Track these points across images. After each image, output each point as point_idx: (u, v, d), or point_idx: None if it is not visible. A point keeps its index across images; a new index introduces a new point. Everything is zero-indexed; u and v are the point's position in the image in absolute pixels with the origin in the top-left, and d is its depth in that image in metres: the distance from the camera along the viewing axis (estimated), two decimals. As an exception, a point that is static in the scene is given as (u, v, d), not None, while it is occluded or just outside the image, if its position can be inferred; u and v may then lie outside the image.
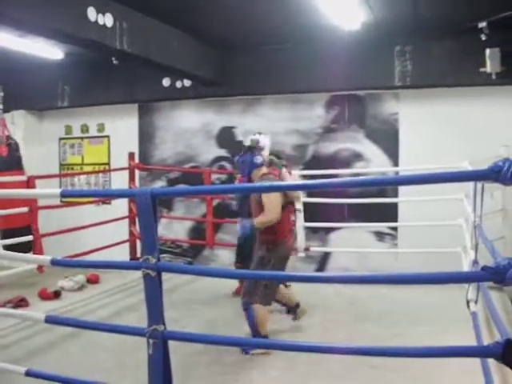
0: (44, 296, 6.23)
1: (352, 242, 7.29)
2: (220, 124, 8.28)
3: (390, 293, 5.71)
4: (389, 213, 7.21)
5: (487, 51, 6.37)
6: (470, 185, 4.93)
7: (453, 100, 7.05)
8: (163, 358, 2.65)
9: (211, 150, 8.34)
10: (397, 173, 7.26)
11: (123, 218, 7.58)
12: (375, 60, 7.10)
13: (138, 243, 7.04)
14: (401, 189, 7.18)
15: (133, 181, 7.87)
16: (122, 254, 7.34)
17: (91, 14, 5.16)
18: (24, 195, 5.25)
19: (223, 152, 8.27)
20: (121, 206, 7.74)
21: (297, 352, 3.24)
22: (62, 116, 9.22)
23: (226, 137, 8.25)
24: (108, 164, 8.95)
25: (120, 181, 8.17)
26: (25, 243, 5.99)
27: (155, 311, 2.68)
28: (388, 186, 7.04)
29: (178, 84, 8.02)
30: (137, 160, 8.21)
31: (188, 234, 8.49)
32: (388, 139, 7.43)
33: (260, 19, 6.33)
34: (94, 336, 4.36)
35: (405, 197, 7.02)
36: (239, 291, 5.76)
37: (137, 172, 8.19)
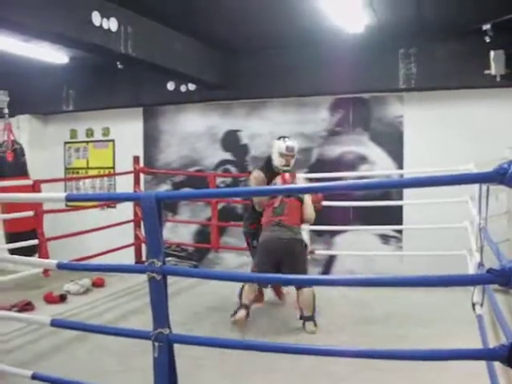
0: (50, 300, 6.23)
1: (357, 245, 7.29)
2: (225, 127, 8.30)
3: (395, 295, 5.68)
4: (394, 215, 7.20)
5: (492, 53, 6.36)
6: (475, 187, 4.92)
7: (457, 102, 7.05)
8: (169, 362, 2.66)
9: (216, 154, 8.35)
10: (401, 175, 7.25)
11: (128, 222, 7.59)
12: (379, 63, 7.10)
13: (144, 247, 7.05)
14: (406, 191, 7.17)
15: (138, 184, 7.88)
16: (128, 258, 7.35)
17: (96, 19, 5.18)
18: (29, 199, 5.27)
19: (228, 155, 8.28)
20: (126, 210, 7.76)
21: (301, 355, 3.23)
22: (67, 120, 9.26)
23: (231, 140, 8.26)
24: (113, 168, 8.98)
25: (125, 184, 8.18)
26: (30, 247, 6.01)
27: (160, 315, 2.68)
28: (393, 189, 7.03)
29: (183, 88, 8.03)
30: (142, 164, 8.23)
31: (193, 238, 8.50)
32: (393, 142, 7.43)
33: (264, 22, 6.35)
34: (100, 339, 4.36)
35: (410, 199, 7.01)
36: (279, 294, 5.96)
37: (142, 176, 8.20)
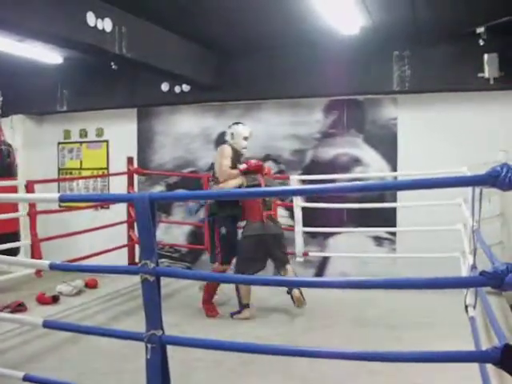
0: (42, 301, 6.22)
1: (351, 247, 7.29)
2: (219, 129, 8.27)
3: (388, 297, 5.67)
4: (387, 218, 7.21)
5: (485, 56, 6.39)
6: (469, 190, 4.94)
7: (451, 105, 7.06)
8: (161, 363, 2.65)
9: (210, 155, 8.31)
10: (395, 178, 7.26)
11: (122, 223, 7.58)
12: (374, 65, 7.11)
13: (137, 248, 7.04)
14: (399, 194, 7.18)
15: (131, 185, 7.87)
16: (121, 259, 7.33)
17: (90, 19, 5.16)
18: (22, 200, 5.26)
19: (222, 157, 8.25)
20: (119, 211, 7.74)
21: (294, 357, 3.23)
22: (61, 120, 9.22)
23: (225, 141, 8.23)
24: (107, 169, 8.94)
25: (119, 185, 8.17)
26: (12, 249, 6.00)
27: (153, 316, 2.67)
28: (387, 191, 7.04)
29: (177, 89, 8.01)
30: (136, 165, 8.22)
31: (187, 239, 8.48)
32: (386, 144, 7.44)
33: (259, 23, 6.34)
34: (93, 341, 4.35)
35: (403, 202, 7.02)
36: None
37: (136, 177, 8.19)
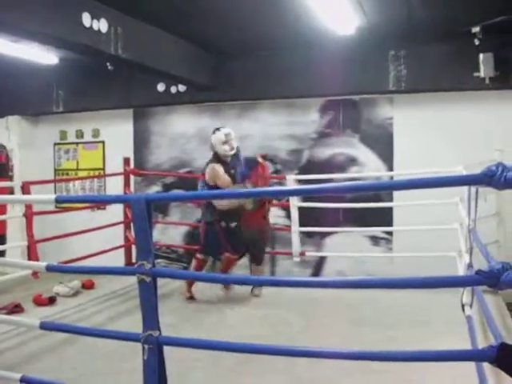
0: (39, 302, 6.20)
1: (347, 247, 7.30)
2: (215, 129, 8.28)
3: (385, 296, 5.68)
4: (384, 217, 7.22)
5: (481, 56, 6.41)
6: (465, 189, 4.94)
7: (447, 104, 7.08)
8: (158, 364, 2.65)
9: (206, 155, 8.31)
10: (391, 177, 7.27)
11: (118, 224, 7.57)
12: (369, 65, 7.13)
13: (134, 248, 7.03)
14: (396, 193, 7.19)
15: (128, 186, 7.86)
16: (117, 260, 7.32)
17: (86, 20, 5.16)
18: (19, 201, 5.26)
19: (218, 157, 8.25)
20: (116, 212, 7.74)
21: (292, 357, 3.23)
22: (57, 121, 9.21)
23: (221, 142, 8.23)
24: (103, 169, 8.94)
25: (115, 186, 8.15)
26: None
27: (150, 317, 2.67)
28: (382, 191, 7.05)
29: (173, 89, 8.01)
30: (132, 165, 8.21)
31: (183, 240, 8.48)
32: (382, 144, 7.45)
33: (255, 24, 6.35)
34: (90, 341, 4.35)
35: (400, 201, 7.03)
36: None
37: (132, 177, 8.19)
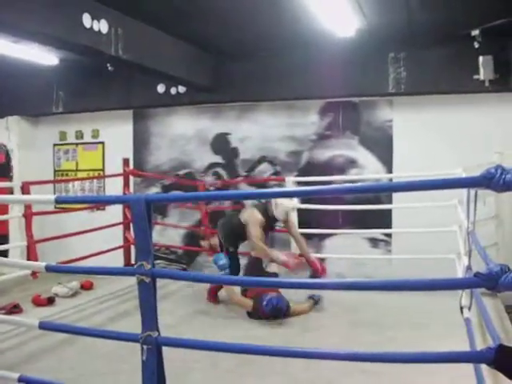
0: (38, 302, 6.20)
1: (346, 249, 7.30)
2: (215, 130, 8.30)
3: (384, 298, 5.70)
4: (383, 219, 7.23)
5: (480, 59, 6.42)
6: (464, 192, 4.96)
7: (446, 107, 7.09)
8: (157, 365, 2.66)
9: (206, 157, 8.35)
10: (391, 179, 7.27)
11: (118, 224, 7.57)
12: (369, 67, 7.14)
13: (133, 249, 7.03)
14: (395, 195, 7.19)
15: (127, 187, 7.86)
16: (116, 260, 7.33)
17: (86, 21, 5.17)
18: (19, 201, 5.26)
19: (218, 158, 8.28)
20: (115, 213, 7.74)
21: (292, 358, 3.24)
22: (57, 122, 9.22)
23: (221, 143, 8.26)
24: (102, 170, 8.94)
25: (114, 187, 8.16)
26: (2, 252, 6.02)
27: (149, 317, 2.68)
28: (382, 193, 7.07)
29: (173, 90, 8.02)
30: (131, 166, 8.22)
31: (182, 241, 8.49)
32: (382, 146, 7.46)
33: (255, 25, 6.36)
34: (89, 342, 4.35)
35: (399, 203, 7.04)
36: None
37: (131, 178, 8.19)
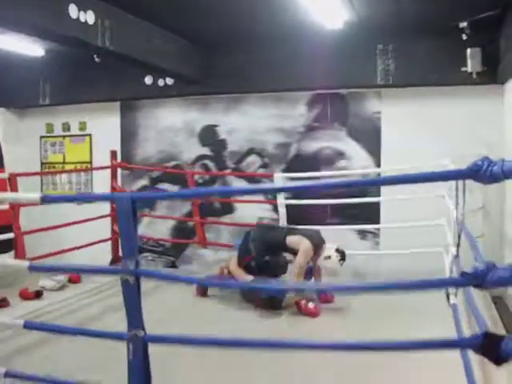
0: (25, 296, 6.17)
1: (335, 241, 7.28)
2: (202, 122, 8.26)
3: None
4: (371, 212, 7.24)
5: (468, 51, 6.44)
6: (452, 183, 4.97)
7: (434, 99, 7.10)
8: (143, 363, 2.63)
9: (194, 149, 8.31)
10: (378, 174, 7.26)
11: (105, 217, 7.52)
12: (358, 59, 7.13)
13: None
14: (383, 187, 7.20)
15: (115, 180, 7.82)
16: (105, 251, 7.32)
17: (72, 12, 5.12)
18: (2, 199, 5.19)
19: (206, 150, 8.25)
20: (103, 204, 7.68)
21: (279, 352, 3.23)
22: (43, 114, 9.14)
23: (209, 135, 8.23)
24: (90, 163, 8.88)
25: (102, 180, 8.11)
26: (7, 242, 5.94)
27: (134, 316, 2.65)
28: (370, 187, 7.08)
29: (161, 82, 7.98)
30: (119, 159, 8.17)
31: (171, 233, 8.46)
32: (370, 138, 7.46)
33: (243, 17, 6.33)
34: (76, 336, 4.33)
35: (387, 196, 7.04)
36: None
37: (119, 171, 8.14)
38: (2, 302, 5.80)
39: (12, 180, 6.00)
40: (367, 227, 7.29)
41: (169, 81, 7.93)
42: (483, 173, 1.93)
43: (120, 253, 7.56)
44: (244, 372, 4.01)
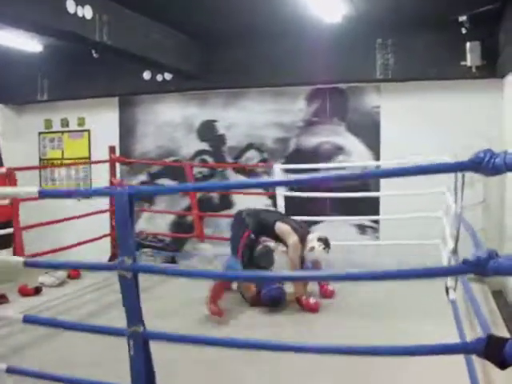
0: (24, 292, 6.15)
1: (334, 235, 7.28)
2: (201, 117, 8.25)
3: (371, 284, 5.71)
4: (371, 206, 7.23)
5: (467, 45, 6.43)
6: (451, 177, 4.96)
7: (434, 93, 7.09)
8: (145, 359, 2.61)
9: (193, 144, 8.30)
10: (378, 166, 7.27)
11: (103, 212, 7.49)
12: (357, 53, 7.12)
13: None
14: (382, 181, 7.20)
15: (114, 175, 7.79)
16: (105, 246, 7.31)
17: (70, 6, 5.10)
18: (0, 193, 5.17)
19: (205, 145, 8.24)
20: (102, 199, 7.65)
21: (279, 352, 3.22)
22: (42, 110, 9.11)
23: (208, 130, 8.22)
24: (89, 158, 8.87)
25: (101, 175, 8.09)
26: (6, 238, 5.92)
27: (133, 312, 2.63)
28: (370, 180, 7.08)
29: (159, 77, 7.95)
30: (118, 154, 8.14)
31: (170, 228, 8.46)
32: (369, 132, 7.45)
33: (242, 13, 6.31)
34: (77, 332, 4.31)
35: (386, 190, 7.04)
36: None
37: (118, 166, 8.12)
38: (1, 299, 5.78)
39: (10, 175, 5.97)
40: (366, 218, 7.27)
41: (167, 76, 7.91)
42: (485, 165, 1.91)
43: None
44: (244, 368, 4.01)
